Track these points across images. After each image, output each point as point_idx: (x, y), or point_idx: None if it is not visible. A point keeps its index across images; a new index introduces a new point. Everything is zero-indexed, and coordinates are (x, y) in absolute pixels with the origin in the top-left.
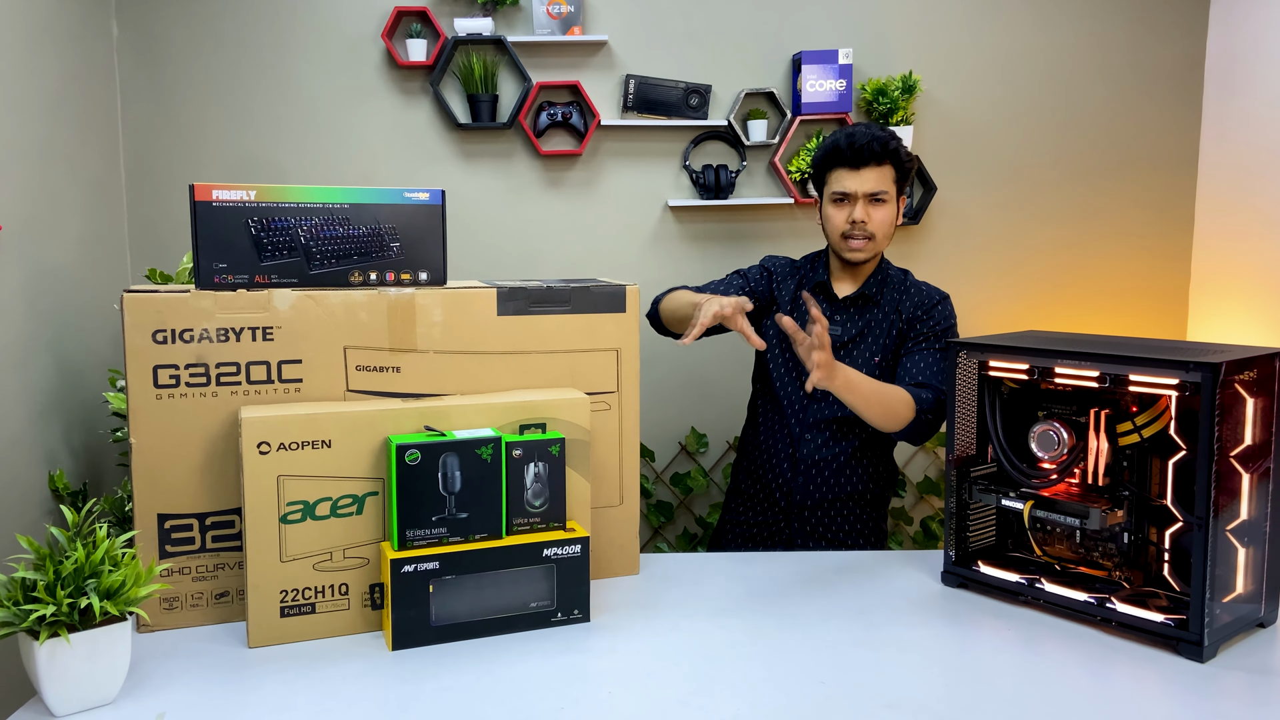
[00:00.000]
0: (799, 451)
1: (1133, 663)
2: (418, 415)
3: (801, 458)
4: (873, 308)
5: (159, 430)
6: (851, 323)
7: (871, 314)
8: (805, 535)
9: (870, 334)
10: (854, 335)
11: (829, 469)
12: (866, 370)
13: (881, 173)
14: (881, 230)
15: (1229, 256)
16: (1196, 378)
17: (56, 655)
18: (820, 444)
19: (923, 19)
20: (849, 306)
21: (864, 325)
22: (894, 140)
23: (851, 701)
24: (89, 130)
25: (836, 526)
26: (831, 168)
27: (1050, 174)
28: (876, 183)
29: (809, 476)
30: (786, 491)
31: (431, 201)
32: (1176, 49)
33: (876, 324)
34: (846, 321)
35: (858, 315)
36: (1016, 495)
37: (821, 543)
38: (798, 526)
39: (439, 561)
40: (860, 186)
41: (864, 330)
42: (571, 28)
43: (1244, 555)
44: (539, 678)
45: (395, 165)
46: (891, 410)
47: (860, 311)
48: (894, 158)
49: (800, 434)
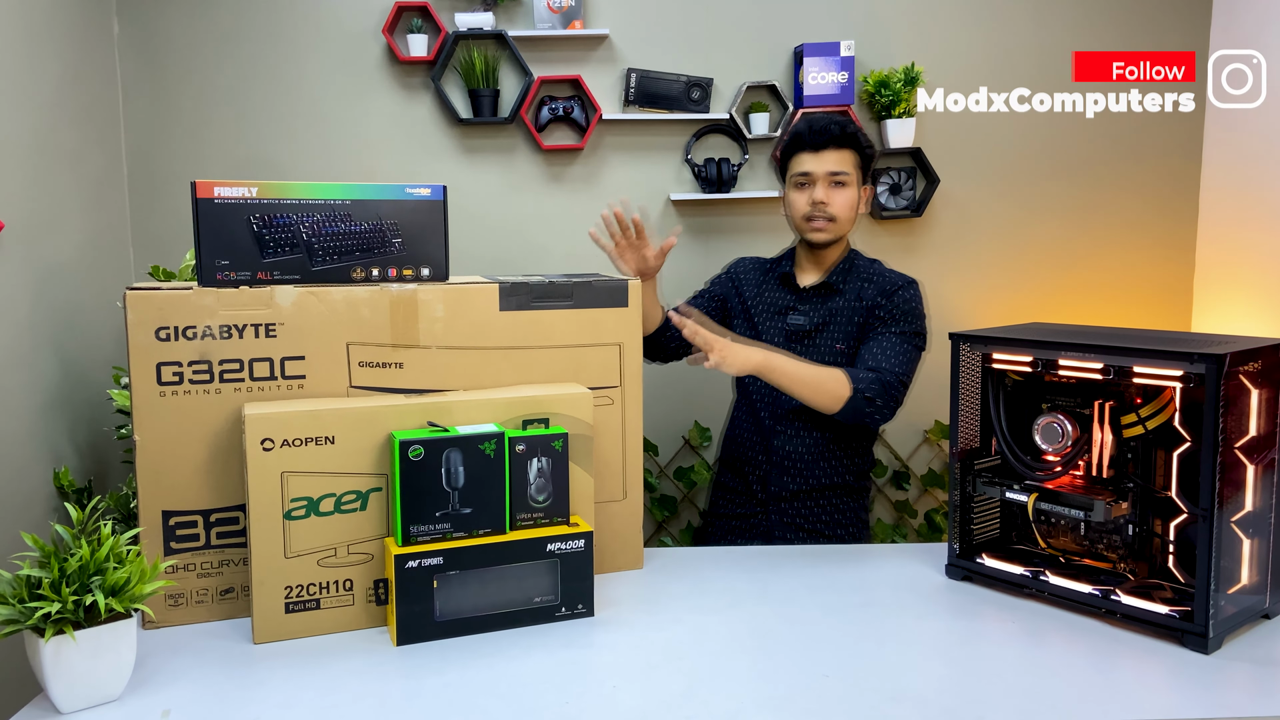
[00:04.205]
0: (772, 443)
1: (1137, 655)
2: (421, 411)
3: (775, 448)
4: (836, 297)
5: (163, 427)
6: (815, 312)
7: (834, 303)
8: (784, 527)
9: (834, 322)
10: (817, 324)
11: (803, 460)
12: (828, 358)
13: (842, 155)
14: (843, 213)
15: (1233, 248)
16: (1200, 369)
17: (62, 652)
18: (792, 434)
19: (924, 10)
20: (812, 296)
21: (827, 314)
22: (853, 125)
23: (855, 694)
24: (91, 128)
25: (815, 517)
26: (794, 153)
27: (1053, 165)
28: (836, 163)
29: (784, 468)
30: (764, 484)
31: (433, 197)
32: (1180, 38)
33: (839, 312)
34: (810, 311)
35: (820, 304)
36: (1021, 488)
37: (800, 533)
38: (776, 518)
39: (443, 557)
40: (820, 167)
41: (827, 319)
42: (572, 22)
43: (1248, 547)
44: (543, 672)
45: (397, 161)
46: (823, 389)
47: (823, 301)
48: (854, 142)
49: (772, 425)
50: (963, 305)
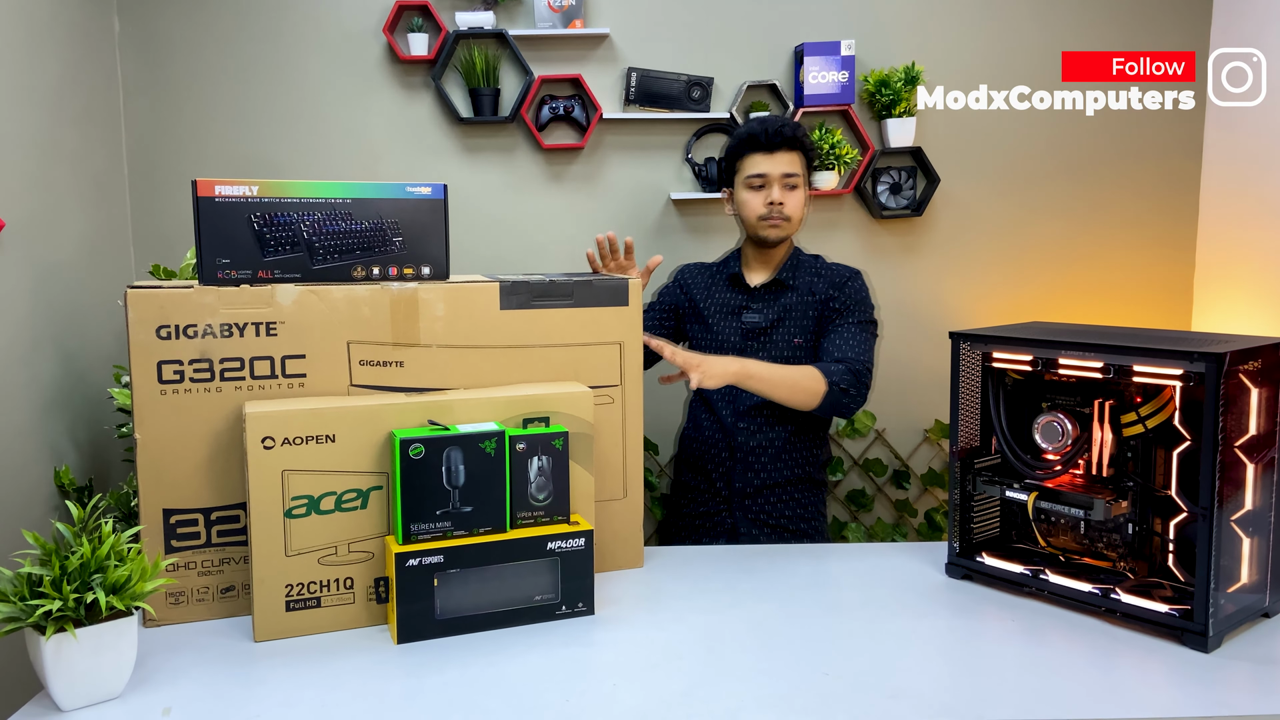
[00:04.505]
0: (735, 440)
1: (1137, 653)
2: (421, 409)
3: (738, 445)
4: (788, 293)
5: (164, 425)
6: (769, 309)
7: (787, 298)
8: (749, 523)
9: (789, 317)
10: (772, 321)
11: (766, 455)
12: (786, 352)
13: (793, 157)
14: (796, 213)
15: (1234, 246)
16: (1200, 368)
17: (63, 650)
18: (755, 430)
19: (925, 9)
20: (764, 294)
21: (781, 310)
22: (802, 128)
23: (855, 692)
24: (91, 126)
25: (778, 513)
26: (745, 154)
27: (1054, 164)
28: (789, 164)
29: (747, 464)
30: (728, 480)
31: (434, 196)
32: (1180, 37)
33: (793, 307)
34: (764, 308)
35: (773, 301)
36: (1020, 486)
37: (766, 529)
38: (740, 515)
39: (443, 555)
40: (775, 168)
41: (781, 315)
42: (573, 21)
43: (1248, 545)
44: (543, 671)
45: (397, 160)
46: (799, 388)
47: (775, 297)
48: (802, 145)
49: (734, 423)
50: (963, 304)
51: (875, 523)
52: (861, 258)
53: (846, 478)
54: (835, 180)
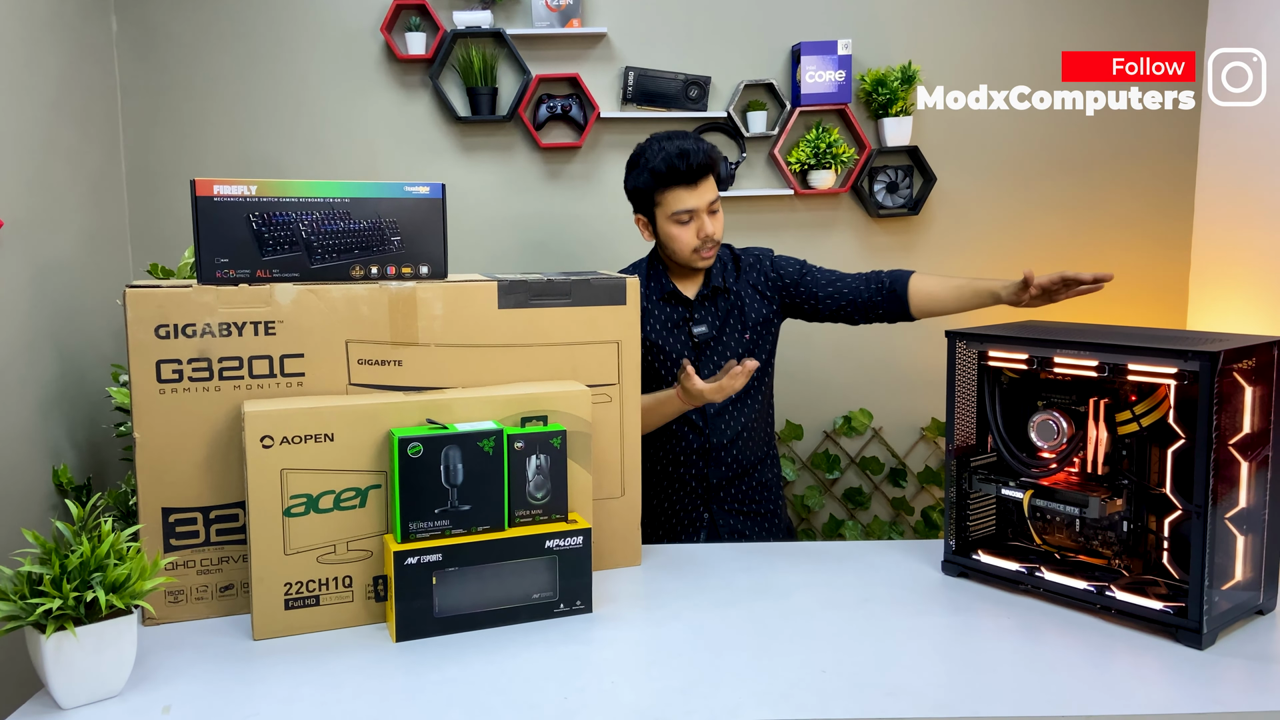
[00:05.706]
0: (709, 431)
1: (1132, 650)
2: (419, 408)
3: (714, 429)
4: (725, 295)
5: (162, 424)
6: (714, 316)
7: (727, 301)
8: (725, 514)
9: (733, 317)
10: (719, 328)
11: (738, 441)
12: (740, 350)
13: (710, 182)
14: (721, 233)
15: (1229, 245)
16: (1195, 366)
17: (63, 648)
18: (729, 418)
19: (922, 8)
20: (705, 303)
21: (724, 313)
22: (714, 149)
23: (852, 690)
24: (89, 125)
25: (747, 498)
26: (666, 188)
27: (1050, 163)
28: (710, 191)
29: (719, 459)
30: (702, 475)
31: (432, 195)
32: (1177, 37)
33: (734, 307)
34: (709, 317)
35: (714, 307)
36: (1016, 484)
37: (740, 516)
38: (716, 508)
39: (442, 553)
40: (701, 201)
41: (726, 317)
42: (570, 20)
43: (1242, 543)
44: (542, 668)
45: (395, 159)
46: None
47: (714, 303)
48: (715, 166)
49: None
50: None
51: (872, 521)
52: (858, 257)
53: (844, 476)
54: (832, 179)
